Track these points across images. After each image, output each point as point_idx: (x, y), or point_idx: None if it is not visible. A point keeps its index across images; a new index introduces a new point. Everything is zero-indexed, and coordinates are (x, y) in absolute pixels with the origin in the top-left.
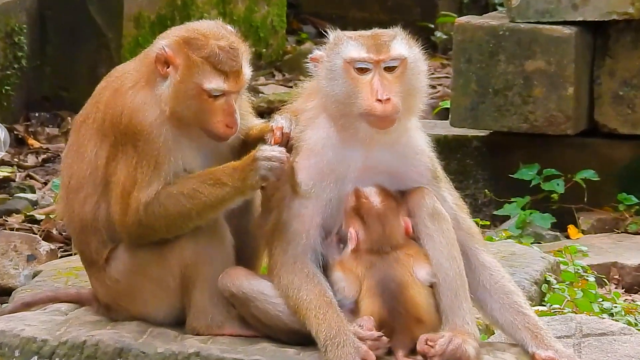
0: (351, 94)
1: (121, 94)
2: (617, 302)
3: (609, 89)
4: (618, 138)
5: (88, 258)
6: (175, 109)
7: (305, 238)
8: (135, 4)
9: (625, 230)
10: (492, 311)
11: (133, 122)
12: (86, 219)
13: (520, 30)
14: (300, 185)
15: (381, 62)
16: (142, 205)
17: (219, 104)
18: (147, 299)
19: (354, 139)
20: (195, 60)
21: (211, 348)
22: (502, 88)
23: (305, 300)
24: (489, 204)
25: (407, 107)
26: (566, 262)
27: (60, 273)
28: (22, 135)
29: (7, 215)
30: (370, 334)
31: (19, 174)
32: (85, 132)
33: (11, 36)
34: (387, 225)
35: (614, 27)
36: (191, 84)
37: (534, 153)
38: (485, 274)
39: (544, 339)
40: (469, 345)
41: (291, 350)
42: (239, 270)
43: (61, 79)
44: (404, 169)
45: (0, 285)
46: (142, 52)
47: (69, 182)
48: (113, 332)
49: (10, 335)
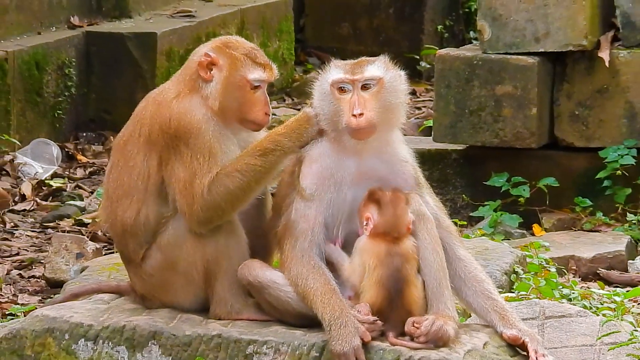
0: (336, 111)
1: (165, 105)
2: (574, 289)
3: (567, 109)
4: (575, 150)
5: (127, 256)
6: (224, 103)
7: (310, 235)
8: (167, 41)
9: (581, 228)
10: (466, 297)
11: (182, 123)
12: (127, 224)
13: (491, 60)
14: (304, 189)
15: (356, 81)
16: (205, 188)
17: (258, 94)
18: (176, 290)
19: (344, 149)
20: (237, 56)
21: (231, 331)
22: (476, 109)
23: (312, 288)
24: (466, 207)
25: (386, 121)
26: (531, 255)
27: (104, 268)
28: (72, 152)
29: (60, 219)
30: (367, 317)
31: (69, 184)
32: (132, 148)
33: (62, 68)
34: (398, 209)
35: (571, 57)
36: (238, 77)
37: (503, 163)
38: (461, 266)
39: (510, 320)
40: (449, 326)
41: (299, 332)
42: (255, 262)
43: (104, 104)
44: (392, 176)
45: (54, 279)
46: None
47: (113, 193)
48: (148, 318)
49: (61, 321)
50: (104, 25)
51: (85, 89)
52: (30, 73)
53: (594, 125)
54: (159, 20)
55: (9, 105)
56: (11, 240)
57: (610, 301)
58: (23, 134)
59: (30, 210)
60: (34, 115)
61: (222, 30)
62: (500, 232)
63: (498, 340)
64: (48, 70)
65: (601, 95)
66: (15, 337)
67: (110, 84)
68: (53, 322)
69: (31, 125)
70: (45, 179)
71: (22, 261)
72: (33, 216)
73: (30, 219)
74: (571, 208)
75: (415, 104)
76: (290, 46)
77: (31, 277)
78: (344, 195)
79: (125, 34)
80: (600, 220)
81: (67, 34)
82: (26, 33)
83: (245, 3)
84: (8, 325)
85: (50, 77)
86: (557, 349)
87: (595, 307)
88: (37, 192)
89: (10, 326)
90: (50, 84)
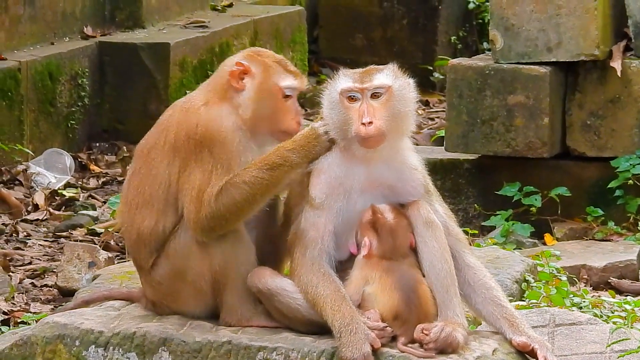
0: (345, 120)
1: (194, 111)
2: (585, 297)
3: (579, 118)
4: (586, 160)
5: (138, 263)
6: (256, 112)
7: (320, 243)
8: (180, 51)
9: (592, 237)
10: (475, 304)
11: (209, 130)
12: (142, 232)
13: (503, 70)
14: (314, 198)
15: (365, 90)
16: (213, 197)
17: (290, 104)
18: (186, 299)
19: (354, 157)
20: (270, 63)
21: (241, 337)
22: (488, 119)
23: (322, 295)
24: (478, 216)
25: (395, 129)
26: (542, 264)
27: (115, 277)
28: (85, 162)
29: (73, 229)
30: (377, 324)
31: (82, 194)
32: (156, 156)
33: (76, 79)
34: (398, 239)
35: (583, 67)
36: (271, 84)
37: (515, 173)
38: (470, 273)
39: (519, 326)
40: (458, 333)
41: (308, 339)
42: (265, 270)
43: (117, 114)
44: (401, 184)
45: (66, 288)
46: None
47: (133, 200)
48: (158, 325)
49: (72, 327)
50: (117, 36)
51: (99, 99)
52: (43, 83)
53: (605, 134)
54: (172, 30)
55: (22, 115)
56: (24, 250)
57: (621, 309)
58: (36, 144)
59: (43, 219)
60: (47, 126)
61: (235, 41)
62: (512, 242)
63: (507, 347)
64: (61, 80)
65: (613, 105)
66: (26, 343)
67: (123, 94)
68: (64, 329)
69: (44, 135)
70: (58, 188)
71: (34, 270)
72: (46, 226)
73: (43, 228)
74: (583, 217)
75: (428, 115)
76: (303, 57)
77: (44, 286)
78: (353, 203)
79: (139, 44)
80: (611, 229)
81: (80, 44)
82: (39, 43)
83: (258, 14)
84: (19, 331)
85: (63, 87)
86: (567, 357)
87: (606, 316)
88: (50, 201)
89: (21, 332)
90: (63, 94)
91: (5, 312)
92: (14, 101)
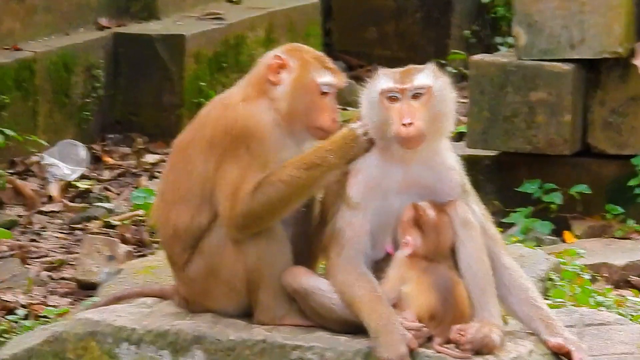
0: (385, 120)
1: (232, 107)
2: (608, 296)
3: (600, 116)
4: (607, 158)
5: (172, 260)
6: (292, 106)
7: (357, 243)
8: (195, 43)
9: (612, 235)
10: (511, 305)
11: (248, 125)
12: (178, 228)
13: (525, 67)
14: (351, 198)
15: (406, 90)
16: (248, 195)
17: (327, 101)
18: (219, 297)
19: (392, 157)
20: (308, 59)
21: (275, 336)
22: (509, 115)
23: (359, 295)
24: (497, 213)
25: (435, 130)
26: (565, 262)
27: (138, 271)
28: (99, 154)
29: (87, 221)
30: (414, 324)
31: (97, 186)
32: (193, 151)
33: (90, 70)
34: (442, 236)
35: (605, 64)
36: (308, 79)
37: (536, 170)
38: (506, 274)
39: (555, 328)
40: (494, 334)
41: (343, 338)
42: (300, 269)
43: (131, 106)
44: (439, 184)
45: (85, 281)
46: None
47: (169, 195)
48: (191, 322)
49: (104, 324)
50: (132, 27)
51: (113, 91)
52: (58, 74)
53: (626, 132)
54: (187, 22)
55: (37, 106)
56: (39, 242)
57: None
58: (50, 135)
59: (58, 211)
60: (61, 117)
61: (251, 33)
62: (532, 239)
63: (543, 348)
64: (76, 71)
65: (635, 102)
66: (57, 340)
67: (137, 85)
68: (96, 326)
69: (58, 126)
70: (73, 180)
71: (51, 263)
72: (61, 217)
73: (58, 220)
74: (602, 215)
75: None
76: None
77: (61, 279)
78: (390, 203)
79: (154, 36)
80: (631, 227)
81: (95, 35)
82: (54, 34)
83: (273, 6)
84: (49, 327)
85: (78, 78)
86: (597, 357)
87: (630, 315)
88: (65, 193)
89: (52, 329)
90: (78, 85)
91: (24, 305)
92: (28, 92)
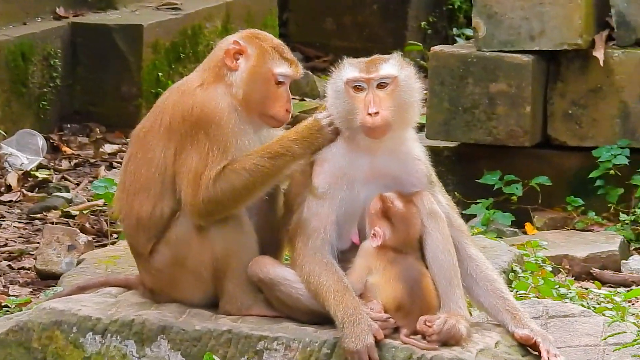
0: (351, 110)
1: (189, 93)
2: (570, 288)
3: (560, 108)
4: (567, 149)
5: (136, 250)
6: (247, 93)
7: (323, 233)
8: (153, 33)
9: (573, 227)
10: (477, 296)
11: (205, 111)
12: (141, 218)
13: (486, 58)
14: (317, 188)
15: (372, 80)
16: (211, 181)
17: (281, 90)
18: (185, 286)
19: (358, 147)
20: (266, 48)
21: (241, 326)
22: (470, 106)
23: (325, 285)
24: (458, 204)
25: (401, 120)
26: (528, 254)
27: (100, 261)
28: (57, 143)
29: (47, 211)
30: (380, 315)
31: (55, 176)
32: (152, 139)
33: (47, 59)
34: (411, 227)
35: (565, 56)
36: (264, 68)
37: (496, 162)
38: (472, 265)
39: (522, 319)
40: (461, 325)
41: (310, 329)
42: (266, 259)
43: (90, 95)
44: (405, 175)
45: (45, 271)
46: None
47: (130, 185)
48: (157, 312)
49: (69, 314)
50: (89, 17)
51: (71, 81)
52: (15, 63)
53: (587, 124)
54: (144, 12)
55: None
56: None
57: (607, 301)
58: (8, 124)
59: (16, 201)
60: (19, 106)
61: (208, 23)
62: (493, 230)
63: (510, 339)
64: (33, 60)
65: (595, 94)
66: (22, 329)
67: (95, 75)
68: (61, 315)
69: (16, 115)
70: (31, 170)
71: (11, 252)
72: (19, 207)
73: (17, 210)
74: (563, 207)
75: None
76: None
77: (21, 269)
78: (356, 193)
79: (111, 26)
80: (592, 219)
81: (53, 24)
82: (12, 23)
83: None
84: (14, 317)
85: (35, 67)
86: (561, 349)
87: (592, 307)
88: (23, 183)
89: (17, 318)
90: (35, 75)
91: None
92: None
